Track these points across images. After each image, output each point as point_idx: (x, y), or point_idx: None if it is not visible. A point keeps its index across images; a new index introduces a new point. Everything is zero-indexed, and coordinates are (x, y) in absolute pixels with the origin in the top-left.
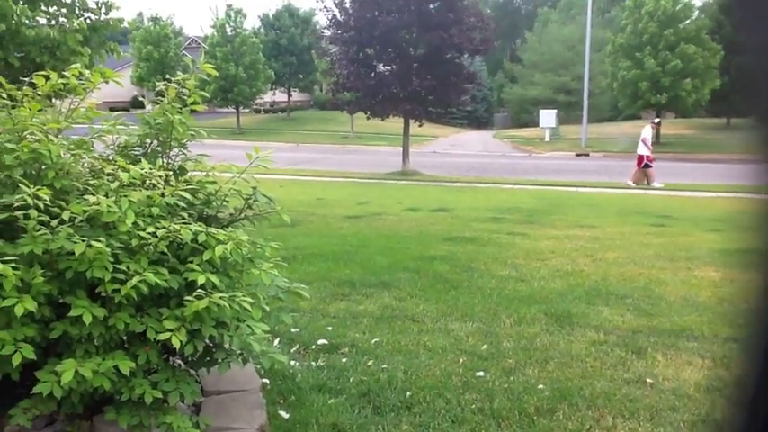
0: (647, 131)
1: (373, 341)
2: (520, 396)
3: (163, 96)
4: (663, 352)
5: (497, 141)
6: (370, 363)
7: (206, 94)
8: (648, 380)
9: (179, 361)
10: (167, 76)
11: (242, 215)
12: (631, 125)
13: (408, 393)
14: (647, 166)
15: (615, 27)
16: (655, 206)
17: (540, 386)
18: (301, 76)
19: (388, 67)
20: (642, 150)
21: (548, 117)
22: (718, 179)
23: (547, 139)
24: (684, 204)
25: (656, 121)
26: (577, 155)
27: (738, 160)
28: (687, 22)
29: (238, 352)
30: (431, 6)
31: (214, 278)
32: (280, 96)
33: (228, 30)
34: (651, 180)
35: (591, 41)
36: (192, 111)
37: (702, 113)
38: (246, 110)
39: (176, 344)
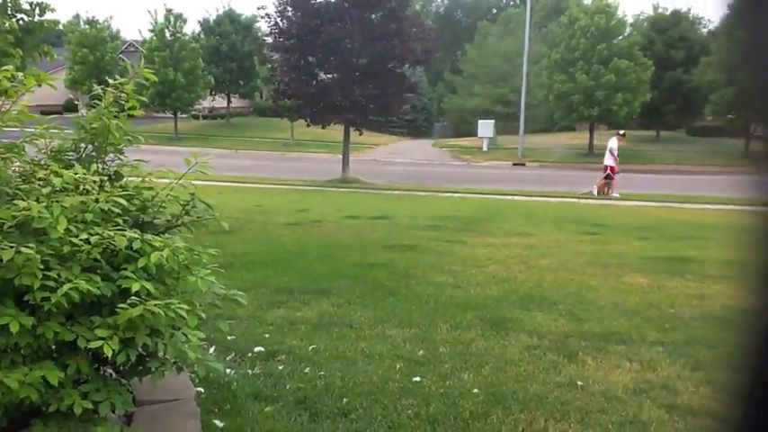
0: (613, 143)
1: (311, 348)
2: (455, 400)
3: (99, 100)
4: (593, 355)
5: (437, 150)
6: (308, 370)
7: (144, 99)
8: (579, 383)
9: (110, 370)
10: (107, 79)
11: (179, 222)
12: (566, 136)
13: (345, 400)
14: (609, 176)
15: (551, 42)
16: (588, 215)
17: (476, 390)
18: (242, 83)
19: (330, 76)
20: (609, 161)
21: (486, 127)
22: (648, 189)
23: (485, 148)
24: (616, 213)
25: (622, 132)
26: (514, 164)
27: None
28: (620, 37)
29: (173, 360)
30: (373, 17)
31: (149, 285)
32: (219, 102)
33: (167, 34)
34: (612, 190)
35: (528, 55)
36: (130, 116)
37: (634, 126)
38: (185, 115)
39: (108, 352)
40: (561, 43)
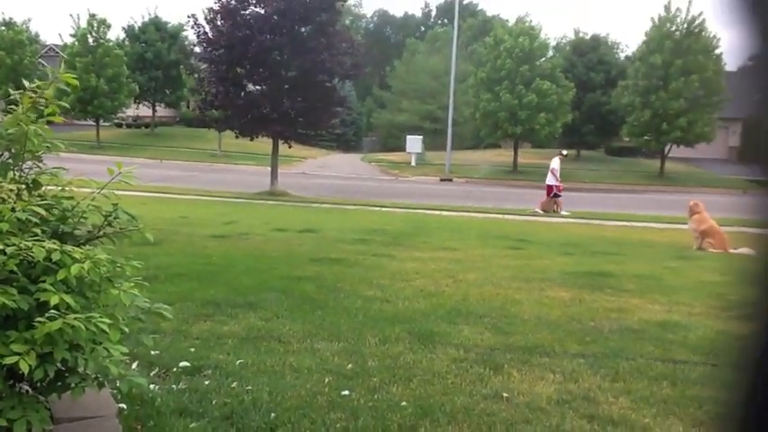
0: (555, 162)
1: (238, 362)
2: (384, 414)
3: (15, 105)
4: (518, 368)
5: (365, 164)
6: (235, 385)
7: (65, 105)
8: (505, 394)
9: (27, 387)
10: (25, 83)
11: (101, 233)
12: (492, 153)
13: (273, 415)
14: (556, 195)
15: (477, 60)
16: (513, 230)
17: (404, 403)
18: (168, 92)
19: (259, 87)
20: (551, 180)
21: (414, 143)
22: (569, 206)
23: (413, 163)
24: (539, 229)
25: (564, 153)
26: (442, 180)
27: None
28: (543, 59)
29: (94, 376)
30: (303, 30)
31: (69, 298)
32: (144, 111)
33: (90, 40)
34: (560, 208)
35: (456, 73)
36: (49, 122)
37: (556, 145)
38: (107, 123)
39: (24, 368)
40: (487, 63)
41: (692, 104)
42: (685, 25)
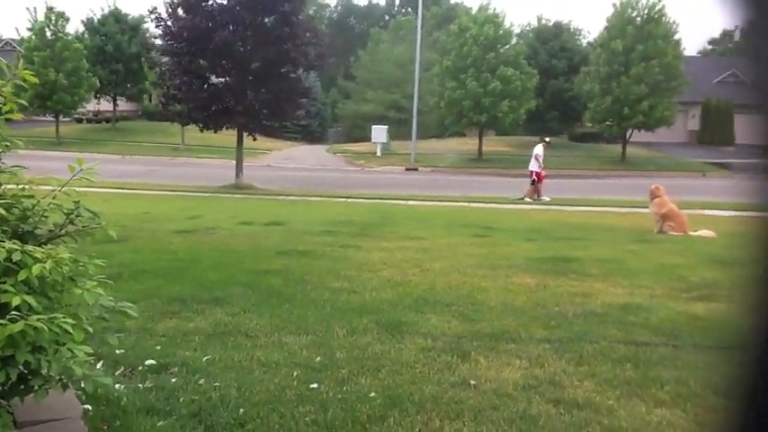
0: (539, 149)
1: (205, 359)
2: (353, 405)
3: None
4: (485, 355)
5: (331, 155)
6: (202, 381)
7: (23, 102)
8: (472, 382)
9: None
10: None
11: (63, 231)
12: (457, 142)
13: (242, 410)
14: (534, 181)
15: (441, 49)
16: (478, 218)
17: (373, 394)
18: (129, 85)
19: (223, 80)
20: (534, 167)
21: (379, 133)
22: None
23: (379, 153)
24: (504, 217)
25: (547, 139)
26: (407, 169)
27: (552, 174)
28: (507, 47)
29: (58, 378)
30: (266, 20)
31: (30, 299)
32: (105, 105)
33: (48, 33)
34: (540, 194)
35: (420, 62)
36: (7, 119)
37: (520, 132)
38: (67, 119)
39: None
40: (452, 51)
41: (653, 89)
42: (646, 11)
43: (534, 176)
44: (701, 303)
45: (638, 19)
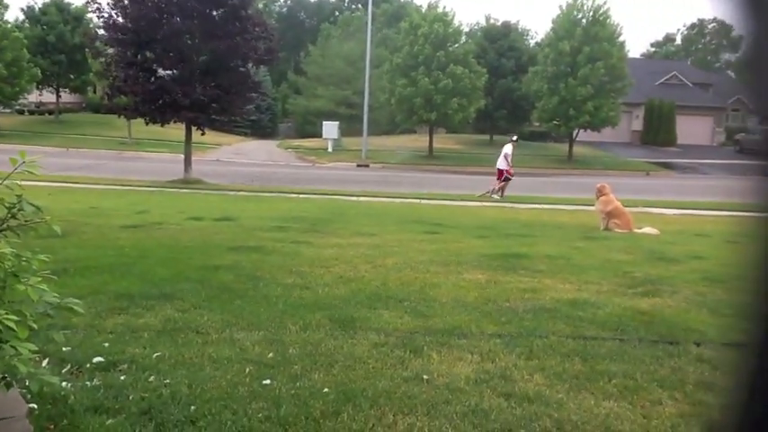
0: (508, 148)
1: (155, 356)
2: (306, 401)
3: None
4: (437, 350)
5: (282, 151)
6: (152, 378)
7: None
8: (425, 376)
9: None
10: None
11: (5, 225)
12: (408, 138)
13: (193, 407)
14: (507, 179)
15: (391, 46)
16: (429, 215)
17: (326, 390)
18: (72, 77)
19: (170, 72)
20: (502, 165)
21: (330, 129)
22: (483, 190)
23: (330, 149)
24: (454, 213)
25: (515, 138)
26: (358, 165)
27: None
28: (456, 45)
29: (1, 376)
30: (215, 13)
31: None
32: (48, 97)
33: None
34: (503, 192)
35: (371, 59)
36: None
37: (470, 130)
38: (8, 110)
39: None
40: (403, 48)
41: (598, 90)
42: (591, 13)
43: (506, 174)
44: (645, 299)
45: (584, 21)
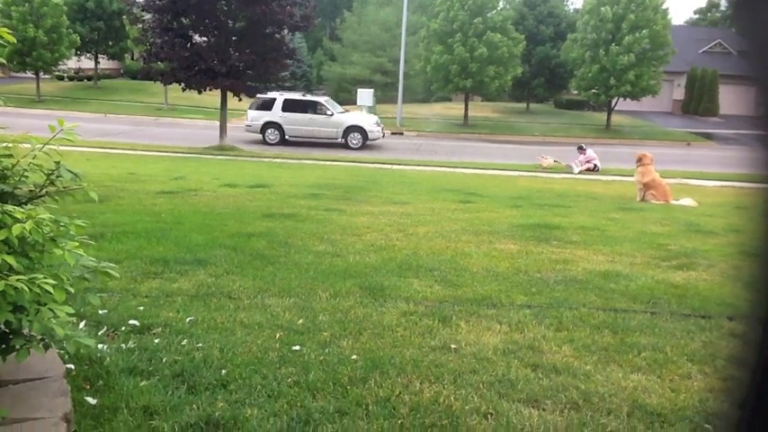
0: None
1: (188, 320)
2: (335, 367)
3: None
4: (466, 319)
5: None
6: (185, 342)
7: (2, 60)
8: (453, 346)
9: None
10: None
11: (43, 191)
12: (442, 106)
13: (224, 371)
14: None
15: (429, 12)
16: (463, 184)
17: (354, 357)
18: (111, 43)
19: (206, 39)
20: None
21: (365, 96)
22: (518, 159)
23: None
24: (488, 182)
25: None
26: (393, 133)
27: (538, 141)
28: (494, 12)
29: (39, 337)
30: None
31: (11, 259)
32: (86, 63)
33: None
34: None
35: (407, 25)
36: None
37: (506, 98)
38: (48, 76)
39: None
40: (440, 14)
41: (640, 59)
42: None
43: (595, 164)
44: (679, 272)
45: None
